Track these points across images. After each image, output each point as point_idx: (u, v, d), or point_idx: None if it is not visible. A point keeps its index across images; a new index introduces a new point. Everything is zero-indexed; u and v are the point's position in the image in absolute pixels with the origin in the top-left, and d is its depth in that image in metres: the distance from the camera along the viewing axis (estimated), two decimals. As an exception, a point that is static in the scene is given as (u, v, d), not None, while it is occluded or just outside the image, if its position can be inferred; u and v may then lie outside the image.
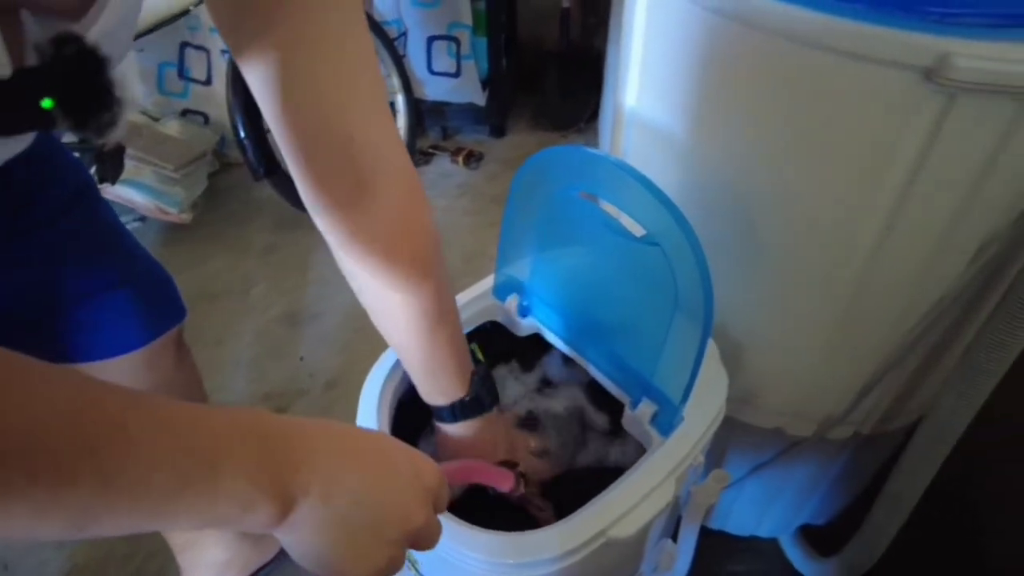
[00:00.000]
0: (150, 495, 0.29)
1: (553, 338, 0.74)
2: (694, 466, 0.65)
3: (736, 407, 0.83)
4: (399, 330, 0.58)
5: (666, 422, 0.63)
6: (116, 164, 1.45)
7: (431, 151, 2.09)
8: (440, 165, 2.06)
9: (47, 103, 0.32)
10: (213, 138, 1.91)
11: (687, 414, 0.63)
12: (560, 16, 2.09)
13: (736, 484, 0.96)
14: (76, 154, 1.42)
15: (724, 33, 0.60)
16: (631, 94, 0.76)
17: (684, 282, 0.56)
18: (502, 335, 0.77)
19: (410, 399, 0.71)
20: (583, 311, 0.70)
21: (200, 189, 1.80)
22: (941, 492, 0.80)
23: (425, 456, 0.45)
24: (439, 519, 0.45)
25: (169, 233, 1.79)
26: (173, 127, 1.85)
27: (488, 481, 0.61)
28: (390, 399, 0.67)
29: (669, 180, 0.68)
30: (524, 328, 0.76)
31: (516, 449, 0.69)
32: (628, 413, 0.66)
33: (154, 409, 0.31)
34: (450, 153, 2.07)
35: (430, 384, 0.62)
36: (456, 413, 0.63)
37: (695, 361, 0.58)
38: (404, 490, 0.41)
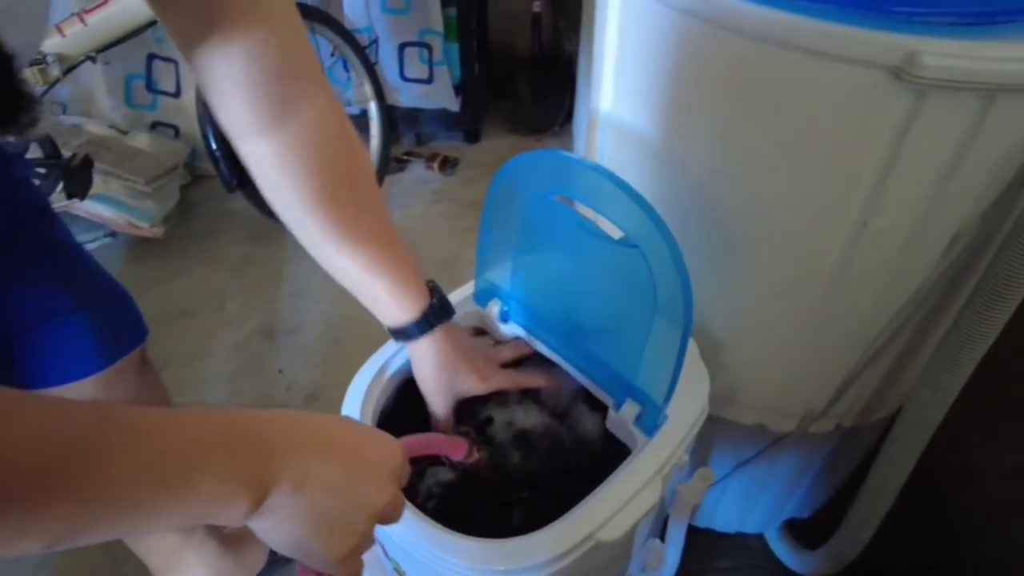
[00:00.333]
0: (129, 504, 0.31)
1: (535, 342, 0.74)
2: (679, 465, 0.65)
3: (718, 405, 0.84)
4: (361, 250, 0.57)
5: (650, 422, 0.63)
6: (84, 179, 1.42)
7: (406, 158, 2.08)
8: (415, 171, 2.06)
9: None
10: (184, 150, 1.88)
11: (670, 414, 0.64)
12: (531, 20, 2.09)
13: (721, 482, 0.96)
14: (42, 170, 1.39)
15: (696, 35, 0.61)
16: (605, 97, 0.76)
17: (663, 283, 0.56)
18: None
19: (393, 409, 0.71)
20: (564, 314, 0.70)
21: (172, 203, 1.77)
22: (922, 481, 0.81)
23: (386, 435, 0.47)
24: (402, 495, 0.47)
25: (141, 248, 1.76)
26: (143, 140, 1.83)
27: (442, 451, 0.63)
28: (372, 410, 0.67)
29: (645, 182, 0.68)
30: (506, 333, 0.76)
31: (485, 355, 0.71)
32: (612, 415, 0.66)
33: (127, 419, 0.32)
34: (425, 159, 2.06)
35: (399, 300, 0.61)
36: (431, 319, 0.63)
37: (677, 360, 0.58)
38: (370, 472, 0.42)
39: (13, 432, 0.27)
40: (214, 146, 1.53)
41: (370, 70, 1.83)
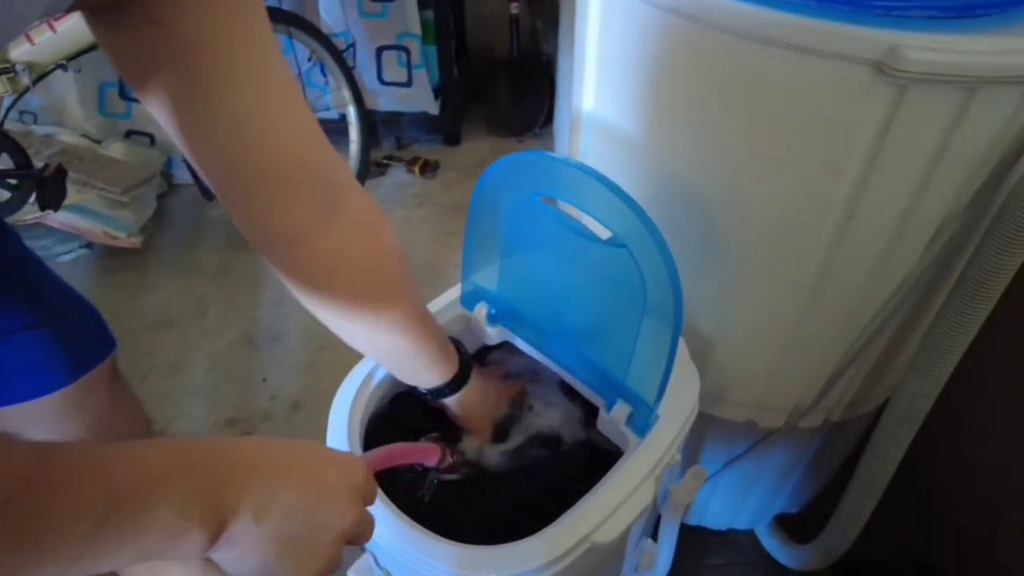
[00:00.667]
0: (78, 544, 0.30)
1: (524, 345, 0.74)
2: (671, 465, 0.65)
3: (708, 403, 0.84)
4: (389, 342, 0.59)
5: (642, 422, 0.63)
6: (58, 190, 1.39)
7: (386, 162, 2.06)
8: (396, 176, 2.04)
9: None
10: (160, 159, 1.86)
11: (661, 413, 0.63)
12: (509, 22, 2.09)
13: (711, 479, 0.96)
14: (13, 181, 1.36)
15: (678, 32, 0.60)
16: (588, 97, 0.76)
17: (653, 282, 0.56)
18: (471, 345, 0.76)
19: (383, 414, 0.70)
20: (552, 316, 0.70)
21: (150, 212, 1.75)
22: (911, 472, 0.81)
23: (347, 454, 0.46)
24: (371, 512, 0.47)
25: (118, 259, 1.73)
26: (117, 149, 1.80)
27: (414, 459, 0.63)
28: (360, 416, 0.66)
29: (629, 181, 0.68)
30: (494, 336, 0.75)
31: (508, 391, 0.75)
32: (603, 416, 0.66)
33: (65, 457, 0.31)
34: (405, 163, 2.05)
35: (428, 375, 0.65)
36: (459, 383, 0.66)
37: (668, 360, 0.58)
38: (333, 493, 0.42)
39: None
40: (191, 154, 1.50)
41: (348, 75, 1.82)
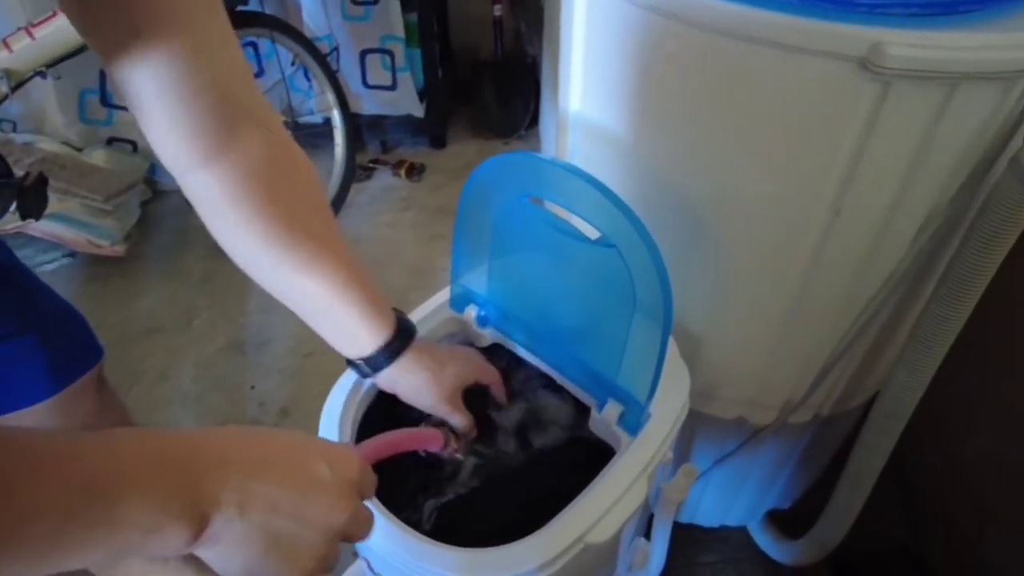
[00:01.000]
0: (44, 539, 0.29)
1: (515, 346, 0.74)
2: (663, 463, 0.65)
3: (699, 400, 0.84)
4: (313, 288, 0.55)
5: (633, 421, 0.63)
6: (39, 198, 1.36)
7: (371, 165, 2.06)
8: (382, 179, 2.04)
9: None
10: (143, 165, 1.84)
11: (652, 412, 0.63)
12: (492, 24, 2.09)
13: (703, 476, 0.97)
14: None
15: (664, 32, 0.61)
16: (574, 98, 0.76)
17: (642, 281, 0.56)
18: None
19: (376, 418, 0.70)
20: (542, 317, 0.70)
21: (133, 219, 1.73)
22: (901, 465, 0.82)
23: (341, 446, 0.44)
24: (370, 507, 0.45)
25: (102, 267, 1.71)
26: (99, 156, 1.77)
27: (416, 446, 0.60)
28: (352, 423, 0.65)
29: (617, 181, 0.68)
30: (485, 338, 0.75)
31: (468, 360, 0.67)
32: (595, 415, 0.66)
33: (29, 447, 0.30)
34: (391, 166, 2.05)
35: (359, 335, 0.58)
36: (396, 349, 0.59)
37: (658, 358, 0.58)
38: (319, 487, 0.40)
39: None
40: (174, 160, 1.49)
41: (332, 78, 1.81)
